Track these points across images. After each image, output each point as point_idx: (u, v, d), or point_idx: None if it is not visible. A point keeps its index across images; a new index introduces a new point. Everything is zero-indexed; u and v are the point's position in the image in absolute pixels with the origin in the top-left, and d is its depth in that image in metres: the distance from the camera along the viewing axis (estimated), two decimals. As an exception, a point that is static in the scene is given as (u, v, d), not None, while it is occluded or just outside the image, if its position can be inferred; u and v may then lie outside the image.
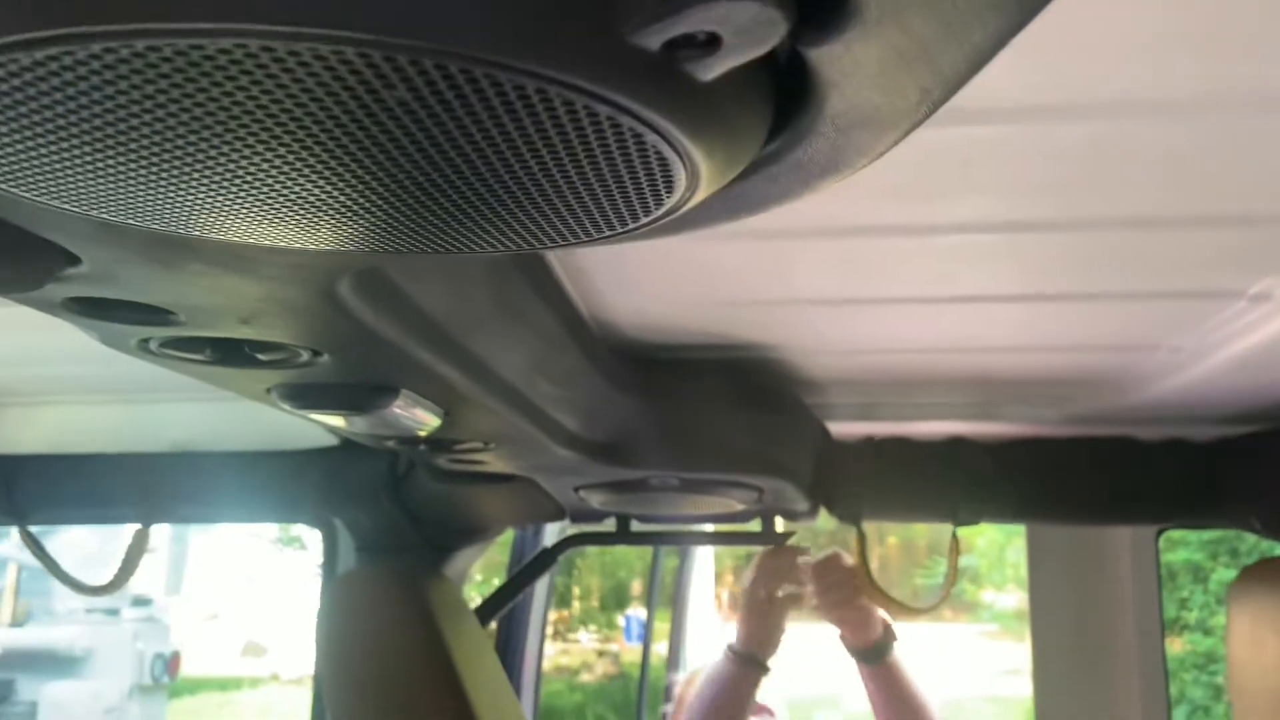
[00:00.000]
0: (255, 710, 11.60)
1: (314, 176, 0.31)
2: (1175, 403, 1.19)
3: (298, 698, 11.68)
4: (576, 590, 10.49)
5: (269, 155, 0.29)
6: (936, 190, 0.67)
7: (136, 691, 5.93)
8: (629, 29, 0.25)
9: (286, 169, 0.30)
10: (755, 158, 0.35)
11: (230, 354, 0.58)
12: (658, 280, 0.87)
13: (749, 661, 1.56)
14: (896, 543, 22.87)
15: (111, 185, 0.31)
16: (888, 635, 1.52)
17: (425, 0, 0.23)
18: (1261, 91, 0.54)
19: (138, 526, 1.47)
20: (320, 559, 1.62)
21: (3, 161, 0.30)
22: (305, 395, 0.69)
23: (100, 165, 0.30)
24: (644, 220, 0.35)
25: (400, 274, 0.52)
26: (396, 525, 1.34)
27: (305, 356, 0.59)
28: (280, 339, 0.55)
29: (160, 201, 0.32)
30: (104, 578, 1.48)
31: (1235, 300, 0.89)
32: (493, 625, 1.69)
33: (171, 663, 6.23)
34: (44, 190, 0.32)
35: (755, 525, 1.43)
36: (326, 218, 0.33)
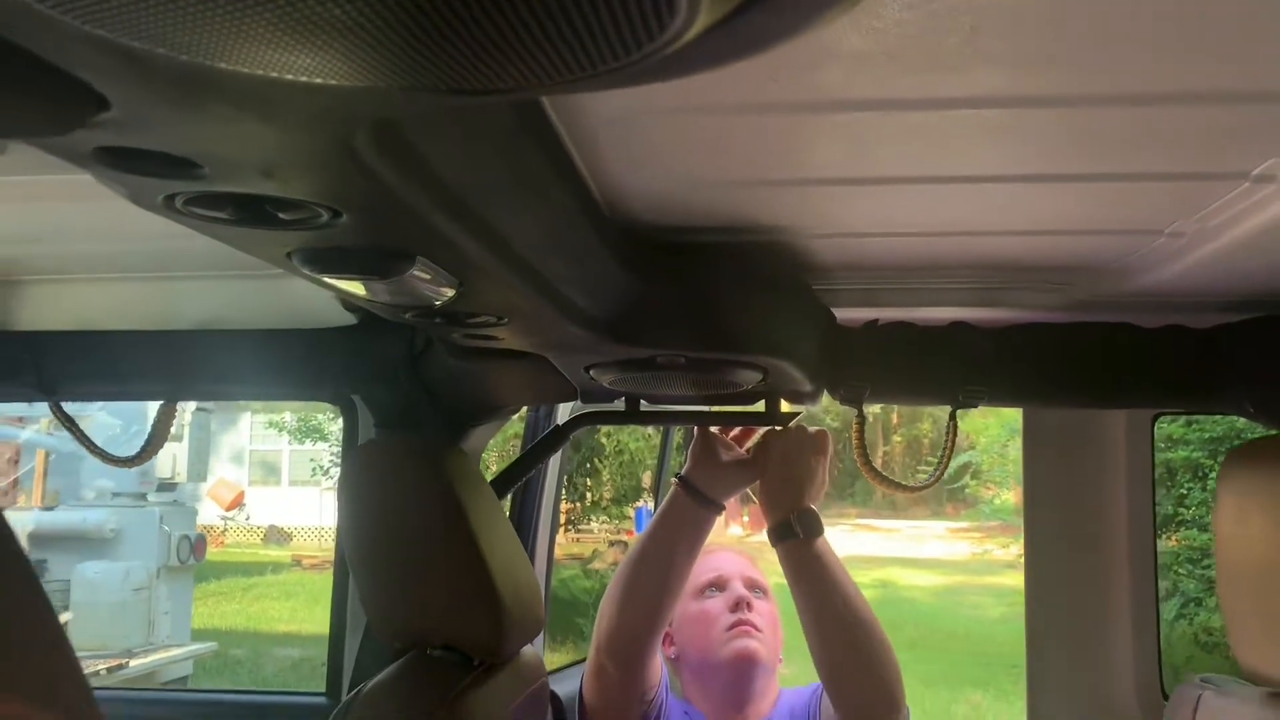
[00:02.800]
0: (278, 592, 12.03)
1: None
2: (1174, 289, 1.21)
3: (319, 581, 12.10)
4: (589, 482, 10.72)
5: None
6: (943, 61, 0.68)
7: (164, 572, 6.16)
8: None
9: None
10: None
11: (253, 213, 0.61)
12: (666, 157, 0.89)
13: (696, 494, 1.51)
14: (901, 441, 23.12)
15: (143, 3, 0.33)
16: (808, 519, 1.48)
17: None
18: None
19: (161, 404, 1.52)
20: (339, 444, 1.67)
21: None
22: (325, 259, 0.72)
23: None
24: (645, 50, 0.37)
25: (415, 132, 0.54)
26: (414, 401, 1.38)
27: (325, 217, 0.62)
28: (300, 195, 0.58)
29: (189, 21, 0.34)
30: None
31: (1238, 182, 0.90)
32: (507, 500, 1.75)
33: (197, 545, 6.44)
34: (78, 7, 0.34)
35: (760, 406, 1.47)
36: (341, 42, 0.36)
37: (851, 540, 15.17)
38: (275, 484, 18.21)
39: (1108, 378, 1.33)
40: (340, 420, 1.80)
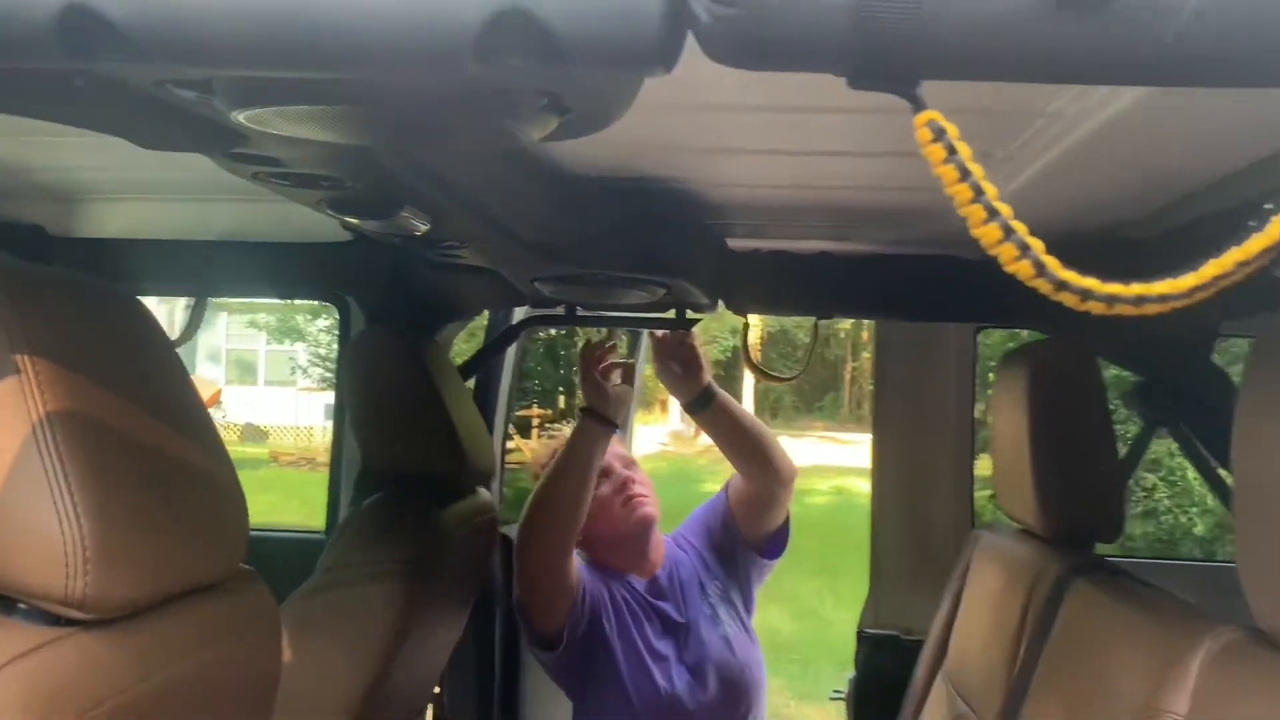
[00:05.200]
0: (257, 486, 12.49)
1: None
2: None
3: (295, 478, 12.57)
4: (562, 389, 11.16)
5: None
6: (790, 83, 0.90)
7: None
8: None
9: None
10: None
11: (306, 181, 0.99)
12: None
13: (594, 416, 1.83)
14: (869, 357, 23.77)
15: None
16: (708, 390, 1.93)
17: None
18: None
19: (195, 299, 1.90)
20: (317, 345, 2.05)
21: None
22: (344, 206, 1.10)
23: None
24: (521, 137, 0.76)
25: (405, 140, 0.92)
26: (398, 302, 1.77)
27: (349, 184, 1.00)
28: (335, 174, 0.96)
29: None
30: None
31: (1032, 120, 1.02)
32: (471, 382, 2.16)
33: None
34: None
35: (670, 314, 1.87)
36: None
37: (816, 450, 15.77)
38: (252, 383, 18.55)
39: (936, 299, 1.73)
40: (322, 320, 2.17)
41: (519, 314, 2.21)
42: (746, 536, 2.07)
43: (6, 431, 0.67)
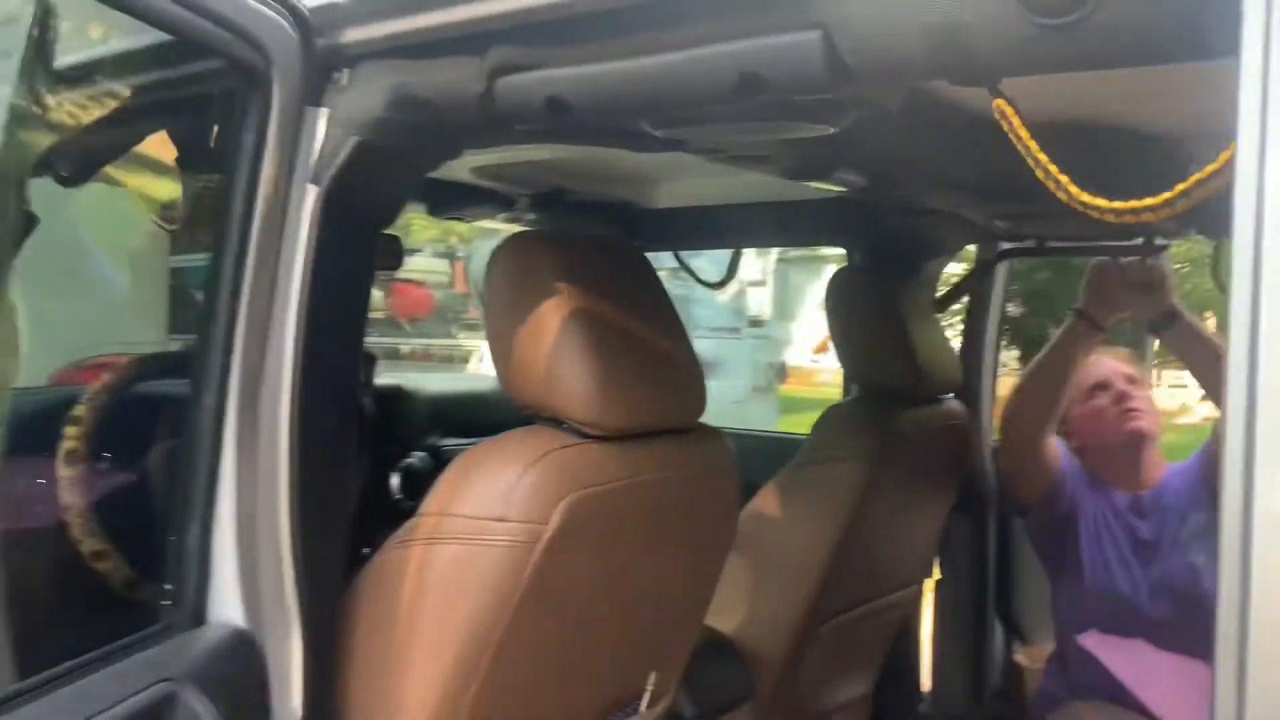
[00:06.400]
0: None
1: None
2: None
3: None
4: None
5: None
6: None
7: (753, 391, 7.66)
8: None
9: None
10: None
11: (760, 162, 1.41)
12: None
13: (1084, 316, 2.02)
14: None
15: None
16: (1172, 310, 1.97)
17: None
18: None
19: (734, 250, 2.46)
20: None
21: None
22: (792, 174, 1.50)
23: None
24: None
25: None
26: (880, 245, 2.12)
27: (786, 161, 1.39)
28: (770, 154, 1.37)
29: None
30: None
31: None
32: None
33: (780, 372, 7.84)
34: None
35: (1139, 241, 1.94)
36: None
37: None
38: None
39: None
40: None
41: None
42: None
43: (550, 323, 1.20)
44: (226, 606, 1.03)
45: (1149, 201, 0.72)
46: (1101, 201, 0.74)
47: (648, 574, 1.37)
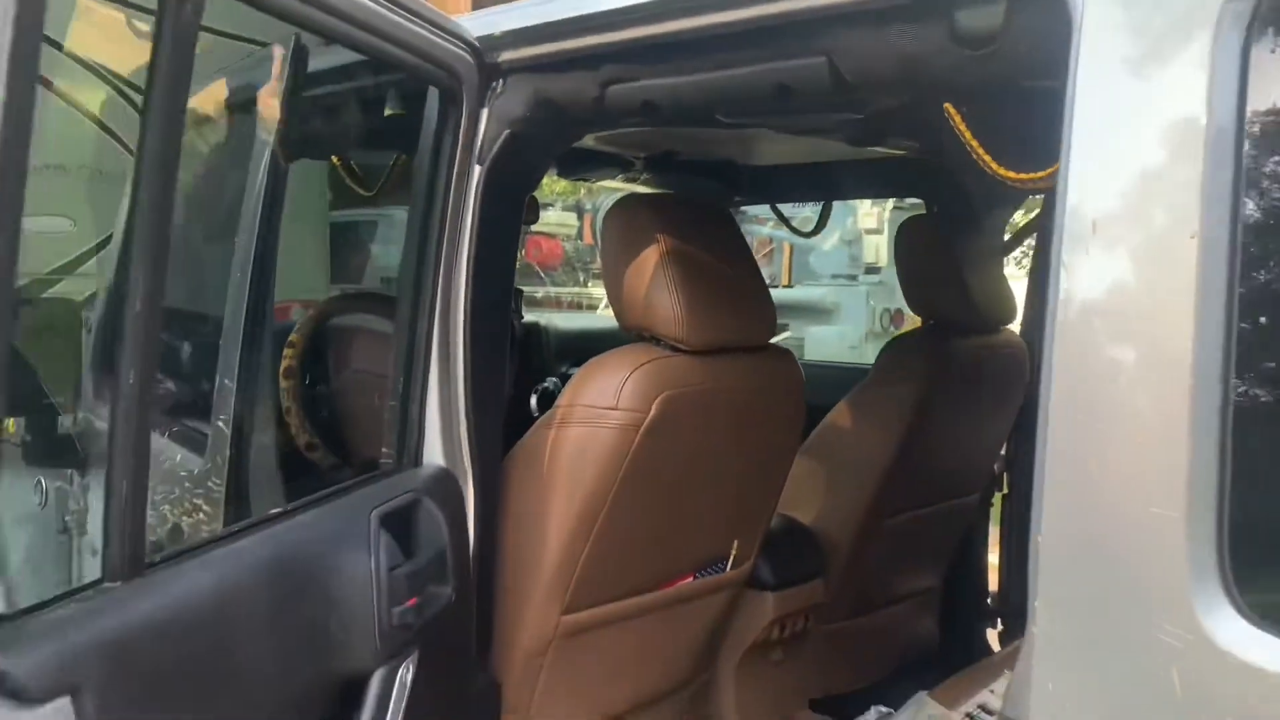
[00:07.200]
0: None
1: None
2: None
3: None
4: None
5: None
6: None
7: (869, 336, 7.88)
8: None
9: None
10: None
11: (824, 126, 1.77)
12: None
13: None
14: None
15: None
16: None
17: None
18: None
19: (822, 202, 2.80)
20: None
21: None
22: (854, 140, 1.85)
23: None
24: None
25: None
26: (950, 196, 2.43)
27: (839, 132, 1.75)
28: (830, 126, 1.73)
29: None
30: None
31: None
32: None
33: (895, 317, 8.01)
34: None
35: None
36: None
37: None
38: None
39: None
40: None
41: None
42: None
43: (649, 263, 1.61)
44: (434, 454, 1.50)
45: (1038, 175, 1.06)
46: (1011, 173, 1.09)
47: (726, 460, 1.78)
